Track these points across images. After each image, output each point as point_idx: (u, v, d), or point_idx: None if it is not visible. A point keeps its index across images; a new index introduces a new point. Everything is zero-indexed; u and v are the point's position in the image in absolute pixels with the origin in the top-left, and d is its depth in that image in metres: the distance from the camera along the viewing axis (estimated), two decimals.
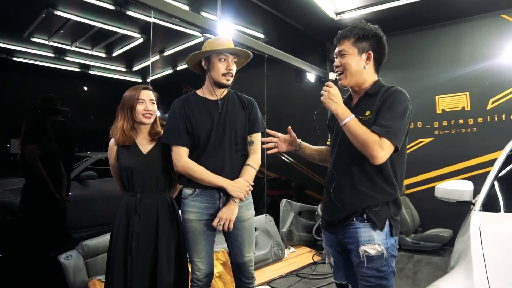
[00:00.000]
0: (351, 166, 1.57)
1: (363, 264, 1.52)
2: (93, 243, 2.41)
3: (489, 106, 4.49)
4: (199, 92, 2.00)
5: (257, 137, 2.00)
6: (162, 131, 2.00)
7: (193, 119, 1.89)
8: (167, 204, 1.96)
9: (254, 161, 1.95)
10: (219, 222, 1.82)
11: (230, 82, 1.93)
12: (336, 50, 1.63)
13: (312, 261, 3.94)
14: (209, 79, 1.95)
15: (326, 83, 1.58)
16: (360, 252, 1.52)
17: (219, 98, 1.96)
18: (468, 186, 2.02)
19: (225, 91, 2.00)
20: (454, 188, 2.03)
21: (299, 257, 4.08)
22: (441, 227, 4.57)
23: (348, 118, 1.49)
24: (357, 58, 1.57)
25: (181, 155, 1.87)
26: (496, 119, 4.44)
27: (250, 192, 1.94)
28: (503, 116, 4.40)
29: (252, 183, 1.91)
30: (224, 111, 1.93)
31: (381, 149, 1.45)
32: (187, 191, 1.91)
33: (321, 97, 1.56)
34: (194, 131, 1.89)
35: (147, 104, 1.93)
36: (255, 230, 3.70)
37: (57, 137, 3.22)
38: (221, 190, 1.85)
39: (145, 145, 1.96)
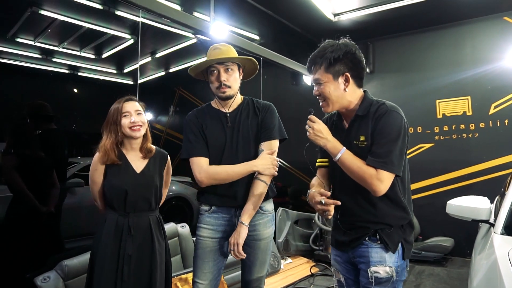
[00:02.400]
0: (356, 193, 1.48)
1: (371, 286, 1.44)
2: (74, 262, 2.21)
3: (491, 111, 4.36)
4: (213, 103, 1.86)
5: (268, 145, 1.76)
6: (155, 148, 1.87)
7: (207, 131, 1.76)
8: (158, 223, 1.85)
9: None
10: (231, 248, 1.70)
11: (228, 94, 1.76)
12: (311, 77, 1.54)
13: (310, 273, 3.77)
14: None
15: (309, 117, 1.50)
16: (369, 273, 1.44)
17: (228, 111, 1.80)
18: (485, 203, 1.86)
19: (236, 101, 1.83)
20: (469, 205, 1.87)
21: (296, 268, 3.92)
22: (441, 236, 4.44)
23: (340, 154, 1.42)
24: (335, 84, 1.47)
25: (201, 165, 1.71)
26: (498, 124, 4.31)
27: (273, 207, 1.84)
28: (506, 121, 4.27)
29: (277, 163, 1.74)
30: (236, 124, 1.78)
31: (380, 182, 1.36)
32: (204, 207, 1.80)
33: (307, 134, 1.49)
34: (208, 143, 1.76)
35: (133, 115, 1.77)
36: None
37: (48, 146, 3.02)
38: (238, 207, 1.74)
39: (137, 163, 1.82)
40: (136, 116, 1.77)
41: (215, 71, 1.74)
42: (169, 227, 2.95)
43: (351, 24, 4.53)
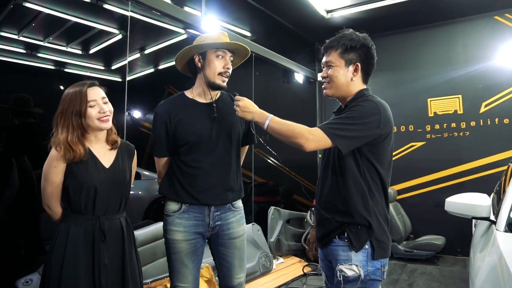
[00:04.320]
0: (331, 181, 1.48)
1: (340, 285, 1.42)
2: None
3: (482, 109, 4.38)
4: (188, 93, 1.74)
5: (244, 150, 1.88)
6: (119, 140, 1.67)
7: (181, 124, 1.64)
8: (128, 226, 1.65)
9: None
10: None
11: (225, 84, 1.68)
12: (323, 60, 1.56)
13: (302, 273, 3.73)
14: (202, 79, 1.69)
15: (235, 98, 1.56)
16: (338, 272, 1.43)
17: (213, 100, 1.71)
18: (485, 200, 1.83)
19: (218, 93, 1.75)
20: (469, 202, 1.83)
21: (288, 268, 3.86)
22: (433, 234, 4.44)
23: (268, 120, 1.44)
24: (344, 70, 1.50)
25: (160, 166, 1.76)
26: (489, 123, 4.34)
27: (242, 205, 1.79)
28: (496, 120, 4.30)
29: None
30: (218, 115, 1.69)
31: (311, 135, 1.35)
32: (172, 206, 1.68)
33: (236, 113, 1.54)
34: (182, 138, 1.64)
35: (101, 105, 1.52)
36: None
37: (29, 141, 2.91)
38: (211, 205, 1.67)
39: (104, 156, 1.58)
40: (104, 105, 1.53)
41: (222, 56, 1.66)
42: (158, 227, 2.87)
43: (343, 21, 4.49)
